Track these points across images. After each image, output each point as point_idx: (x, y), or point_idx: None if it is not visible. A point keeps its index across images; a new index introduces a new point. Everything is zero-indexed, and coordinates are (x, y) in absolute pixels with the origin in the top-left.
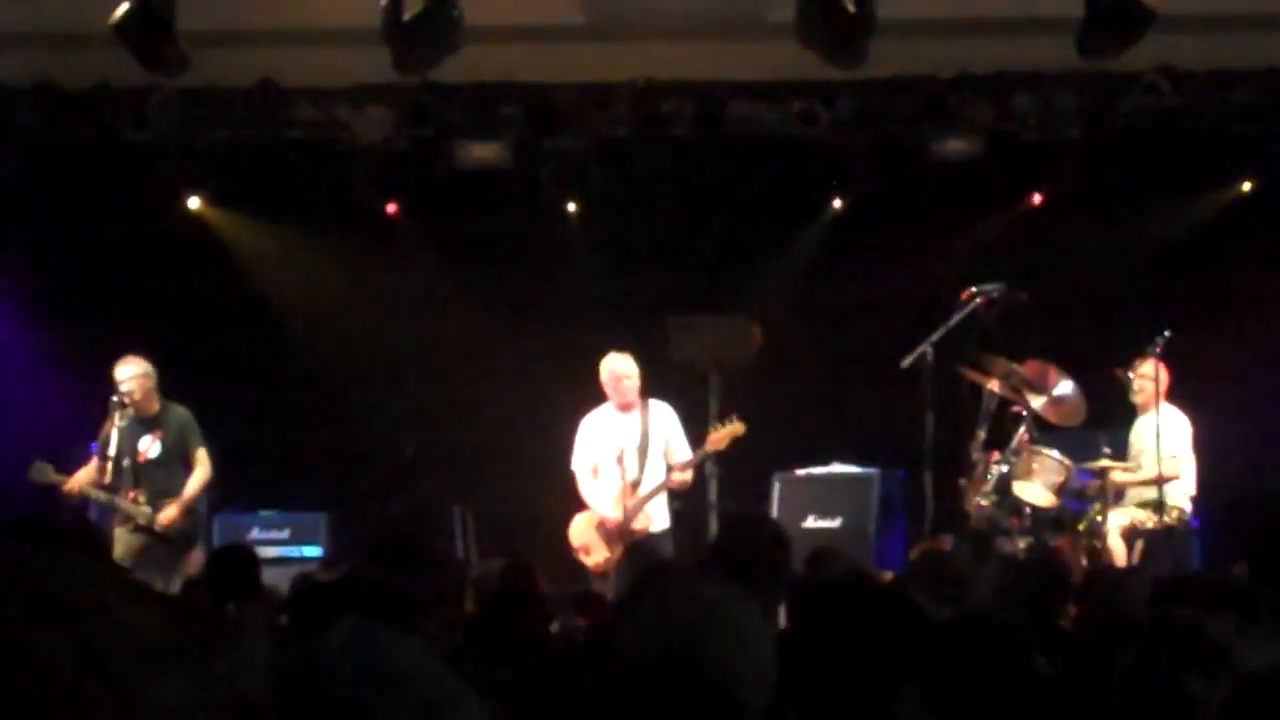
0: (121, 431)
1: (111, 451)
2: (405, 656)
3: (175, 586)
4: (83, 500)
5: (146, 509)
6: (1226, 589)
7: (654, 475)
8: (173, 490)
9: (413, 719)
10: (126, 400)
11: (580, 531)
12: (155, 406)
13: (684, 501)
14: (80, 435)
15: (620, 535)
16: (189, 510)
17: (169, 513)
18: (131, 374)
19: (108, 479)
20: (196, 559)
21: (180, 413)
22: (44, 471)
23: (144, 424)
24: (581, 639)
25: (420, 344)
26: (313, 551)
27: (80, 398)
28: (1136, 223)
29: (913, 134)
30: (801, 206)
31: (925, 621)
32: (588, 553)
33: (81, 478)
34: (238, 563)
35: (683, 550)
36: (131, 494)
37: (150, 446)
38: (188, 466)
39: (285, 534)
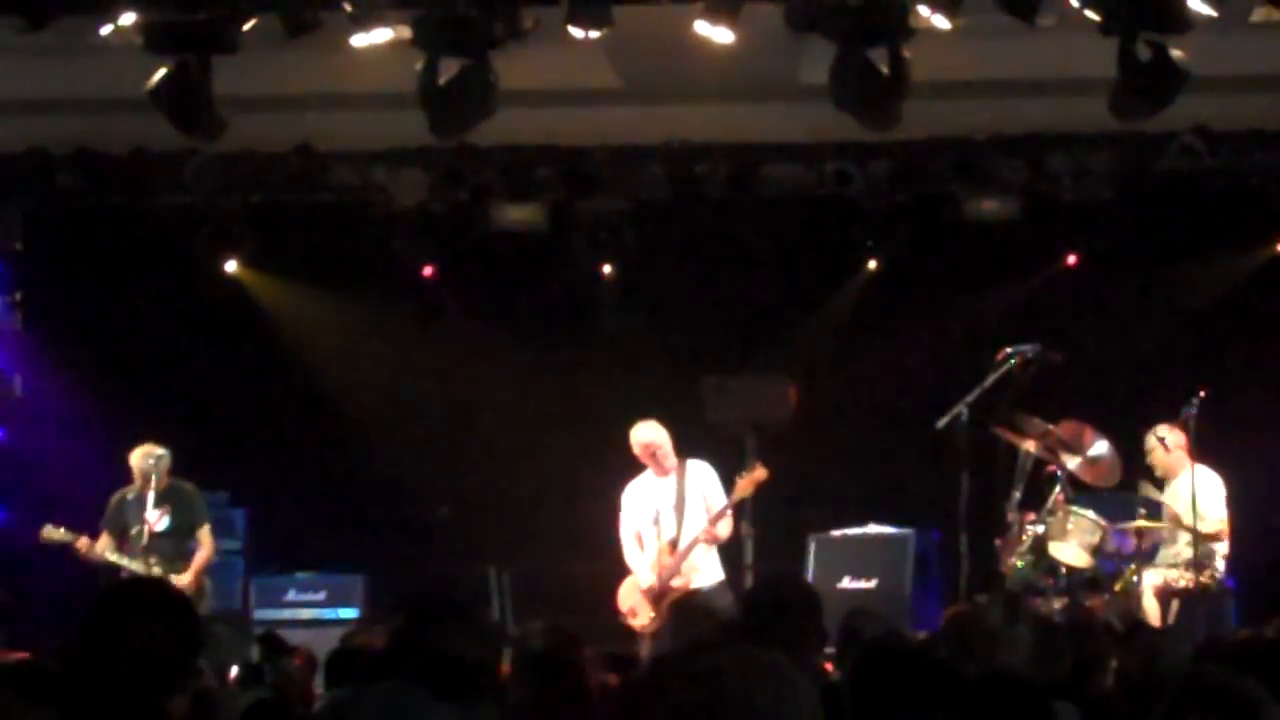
0: (132, 504)
1: (135, 522)
2: None
3: None
4: (104, 565)
5: (159, 571)
6: (1262, 649)
7: (693, 533)
8: (183, 559)
9: None
10: (141, 480)
11: (626, 595)
12: (165, 482)
13: (722, 563)
14: (105, 496)
15: (662, 594)
16: (198, 580)
17: (183, 578)
18: (145, 462)
19: (133, 548)
20: None
21: (188, 489)
22: (54, 533)
23: (156, 497)
24: (614, 697)
25: (457, 405)
26: (349, 613)
27: (114, 461)
28: (1172, 283)
29: (947, 194)
30: (836, 267)
31: (957, 678)
32: (634, 615)
33: (99, 542)
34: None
35: None
36: (145, 560)
37: (160, 521)
38: (195, 540)
39: (322, 595)
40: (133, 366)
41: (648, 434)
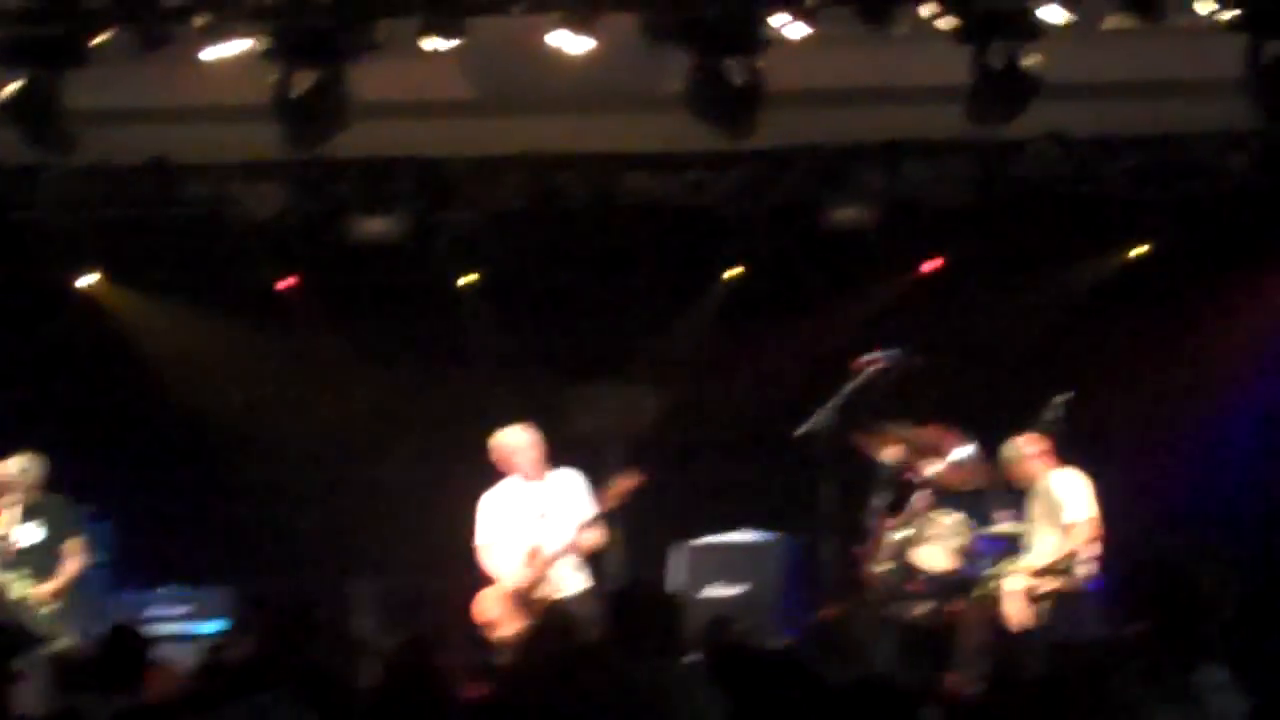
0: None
1: (3, 535)
2: None
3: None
4: None
5: (22, 584)
6: (1126, 650)
7: (558, 541)
8: (49, 574)
9: None
10: (7, 494)
11: (488, 606)
12: (35, 495)
13: (588, 572)
14: None
15: (527, 603)
16: (61, 593)
17: (43, 590)
18: (24, 470)
19: None
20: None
21: (58, 502)
22: None
23: (26, 512)
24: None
25: (317, 418)
26: (213, 627)
27: None
28: (1030, 287)
29: (806, 203)
30: (696, 276)
31: (822, 686)
32: (495, 627)
33: None
34: (126, 647)
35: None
36: (9, 574)
37: (28, 534)
38: (62, 554)
39: (185, 610)
40: None
41: (505, 439)
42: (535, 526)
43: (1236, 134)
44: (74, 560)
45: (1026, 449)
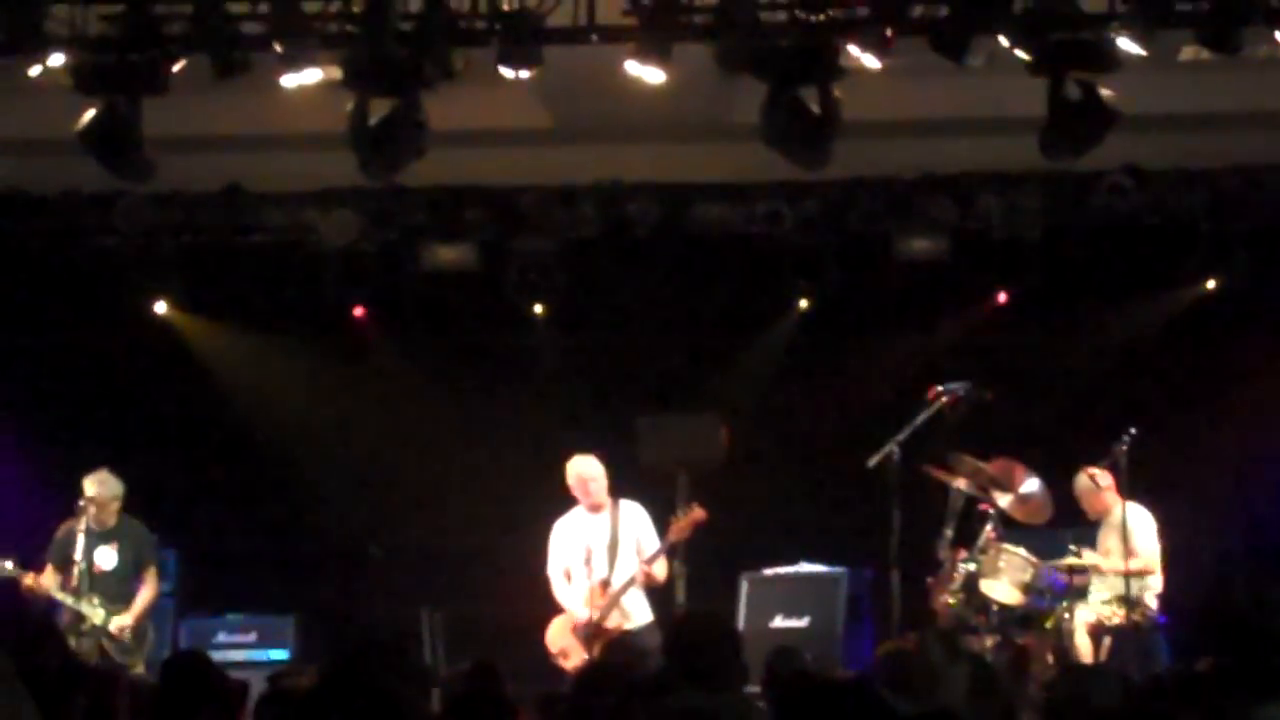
0: (79, 537)
1: (77, 557)
2: None
3: None
4: (49, 601)
5: (101, 611)
6: (1194, 687)
7: (625, 573)
8: (128, 599)
9: None
10: (89, 511)
11: (557, 636)
12: (114, 520)
13: (653, 602)
14: (38, 538)
15: (595, 635)
16: (140, 621)
17: (122, 620)
18: (101, 490)
19: (73, 582)
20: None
21: (137, 527)
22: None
23: (102, 536)
24: None
25: (388, 446)
26: (280, 654)
27: (44, 502)
28: (1101, 321)
29: (878, 234)
30: (768, 306)
31: (892, 715)
32: (566, 657)
33: (45, 579)
34: (193, 671)
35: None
36: (87, 598)
37: (106, 557)
38: (140, 580)
39: (252, 637)
40: (64, 407)
41: (587, 467)
42: (603, 557)
43: None
44: (150, 588)
45: (1101, 481)
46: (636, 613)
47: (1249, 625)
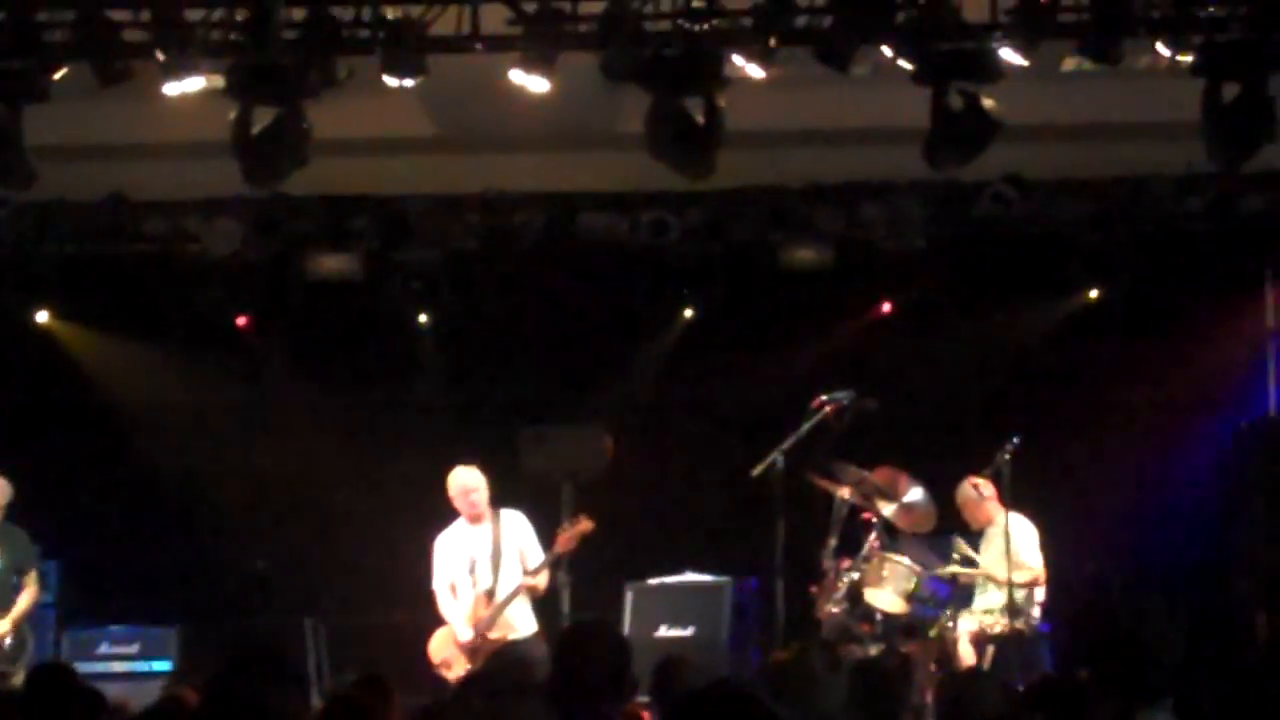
0: None
1: None
2: None
3: None
4: None
5: None
6: (1074, 694)
7: (509, 583)
8: (6, 606)
9: None
10: None
11: (440, 647)
12: None
13: (537, 612)
14: None
15: (478, 646)
16: (18, 626)
17: (2, 625)
18: None
19: None
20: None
21: (18, 534)
22: None
23: None
24: None
25: (271, 456)
26: (163, 666)
27: None
28: (986, 330)
29: (762, 243)
30: (652, 316)
31: None
32: (449, 667)
33: None
34: (57, 684)
35: None
36: None
37: None
38: (19, 585)
39: (135, 648)
40: None
41: (468, 478)
42: (486, 568)
43: (1193, 176)
44: (30, 593)
45: (984, 490)
46: (521, 624)
47: (1127, 633)
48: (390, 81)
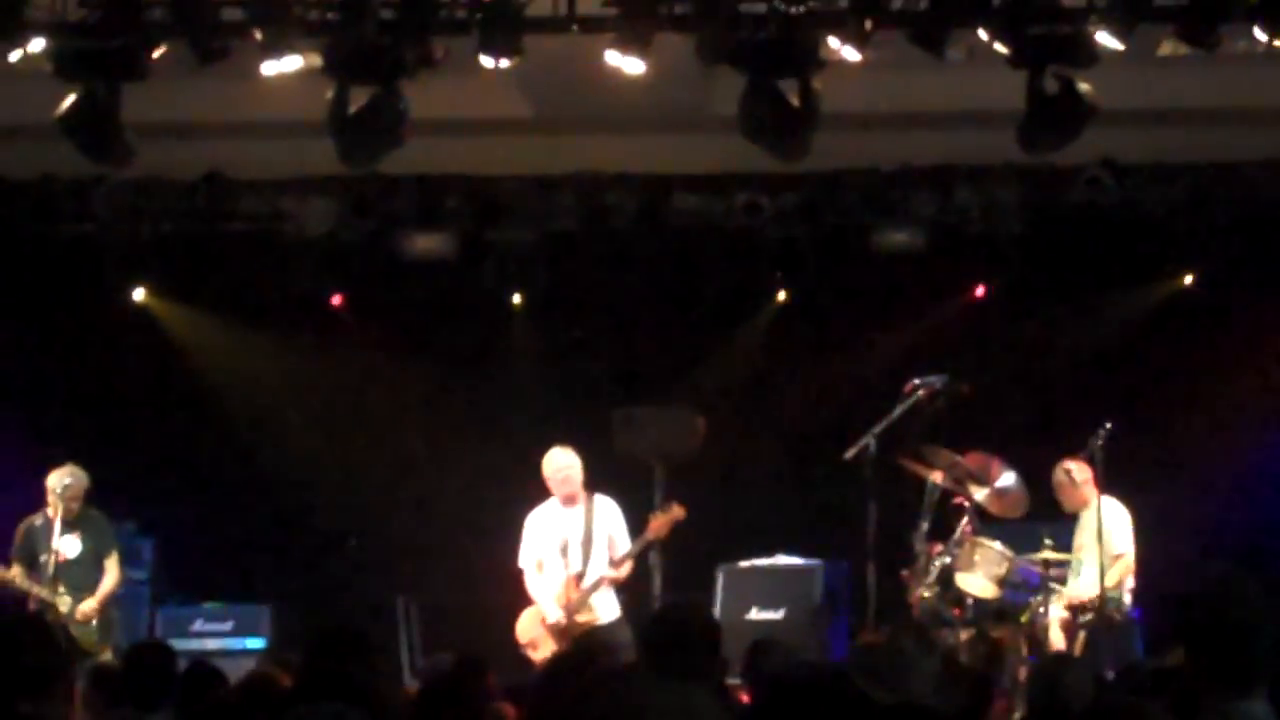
0: (41, 530)
1: (45, 548)
2: None
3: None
4: (20, 593)
5: (68, 599)
6: (1167, 680)
7: (598, 568)
8: (91, 587)
9: None
10: (58, 506)
11: (527, 627)
12: (77, 508)
13: (629, 594)
14: (7, 526)
15: (565, 628)
16: (105, 606)
17: (87, 607)
18: (69, 484)
19: (41, 573)
20: (108, 657)
21: (97, 517)
22: None
23: (65, 526)
24: None
25: (365, 436)
26: (256, 643)
27: (11, 494)
28: (1078, 314)
29: (856, 226)
30: (745, 298)
31: (869, 706)
32: (535, 648)
33: (11, 570)
34: (151, 664)
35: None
36: (52, 588)
37: (70, 547)
38: (102, 568)
39: (228, 625)
40: (40, 395)
41: (562, 459)
42: (577, 551)
43: None
44: (112, 575)
45: (1077, 475)
46: (604, 609)
47: (1221, 619)
48: (486, 62)
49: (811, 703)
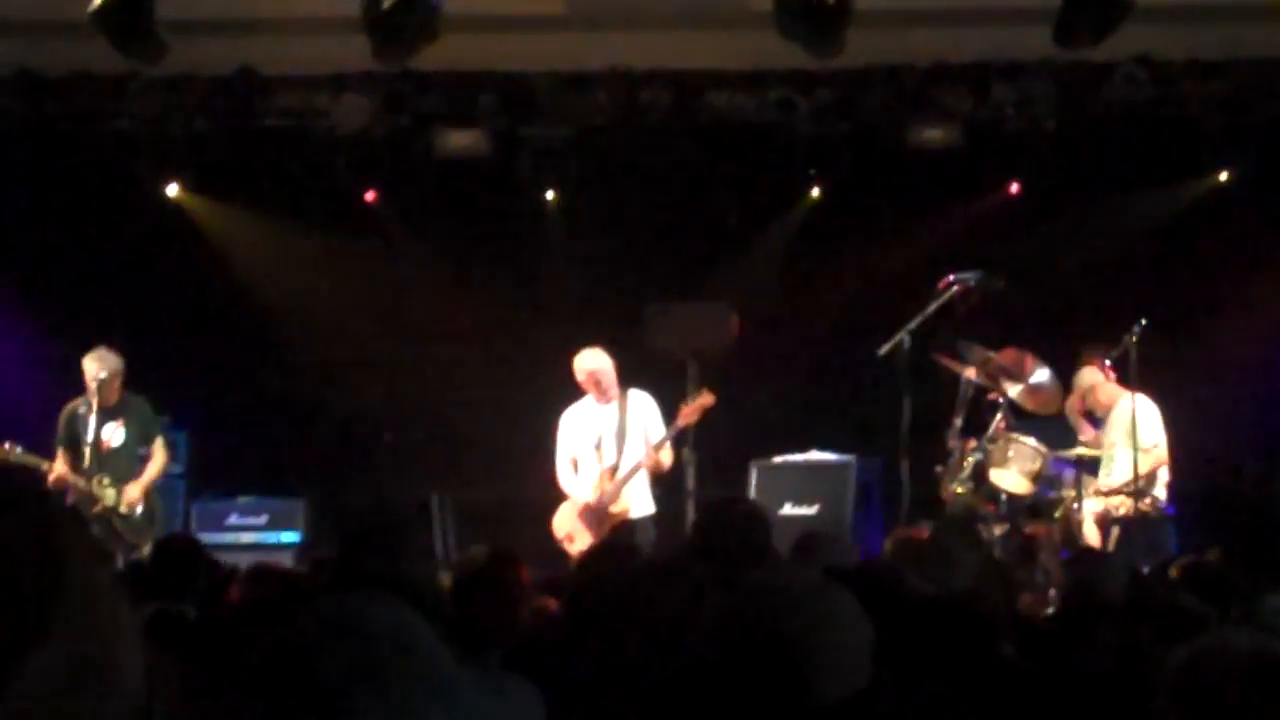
0: (83, 418)
1: (89, 438)
2: (405, 624)
3: None
4: (60, 485)
5: (112, 491)
6: (1201, 575)
7: (632, 461)
8: (133, 476)
9: (408, 680)
10: (96, 392)
11: (564, 521)
12: (117, 396)
13: (662, 489)
14: (49, 420)
15: (600, 519)
16: (149, 493)
17: (132, 494)
18: (104, 368)
19: (84, 463)
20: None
21: (140, 402)
22: (12, 453)
23: (106, 413)
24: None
25: (399, 331)
26: (290, 537)
27: (49, 384)
28: (1114, 212)
29: (890, 123)
30: (779, 195)
31: (903, 602)
32: (571, 540)
33: (59, 465)
34: (177, 556)
35: (664, 537)
36: (97, 479)
37: (113, 434)
38: (146, 454)
39: (263, 519)
40: (74, 290)
41: (592, 361)
42: (612, 445)
43: None
44: (159, 460)
45: (1105, 373)
46: (638, 504)
47: (1255, 515)
48: None
49: (860, 593)
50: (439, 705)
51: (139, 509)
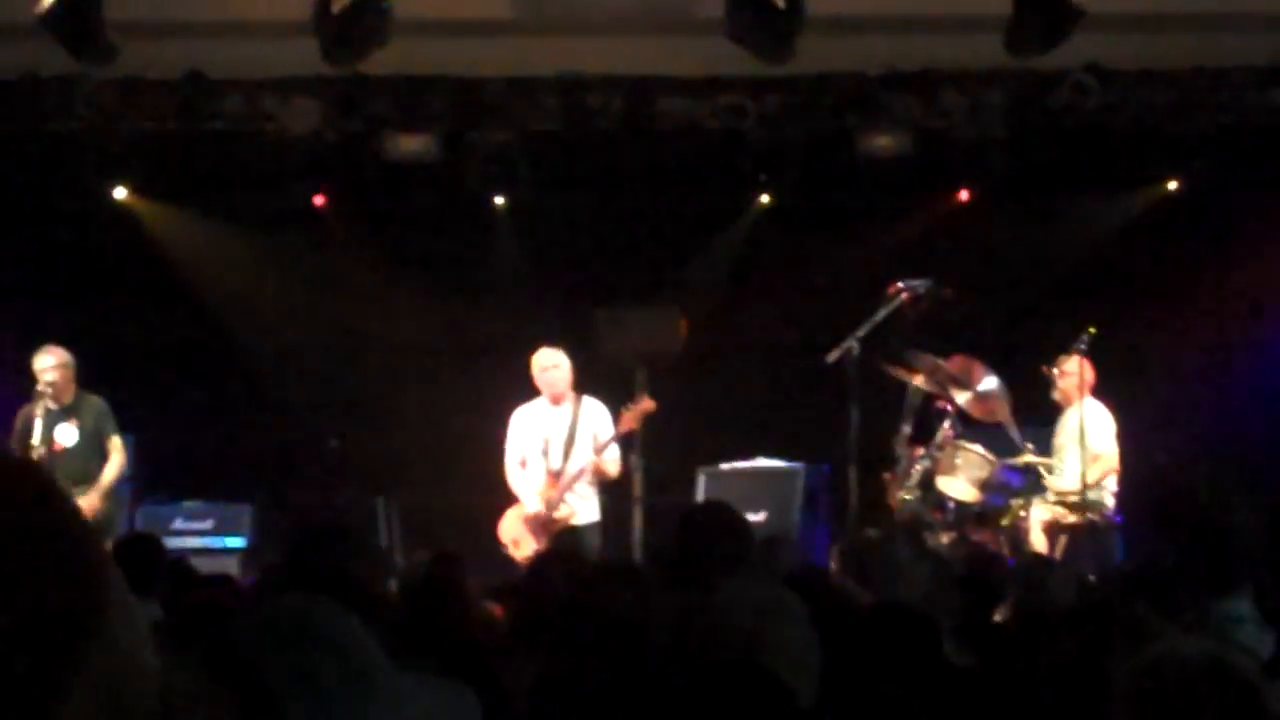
0: (40, 420)
1: (35, 440)
2: (343, 628)
3: None
4: None
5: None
6: (1149, 581)
7: (578, 467)
8: (89, 478)
9: (345, 683)
10: (47, 390)
11: (509, 526)
12: (71, 395)
13: (609, 497)
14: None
15: (546, 525)
16: (107, 497)
17: (90, 499)
18: (52, 364)
19: None
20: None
21: (95, 401)
22: None
23: (60, 413)
24: (503, 628)
25: (347, 335)
26: (236, 542)
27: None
28: (1063, 220)
29: (840, 130)
30: (729, 201)
31: (851, 607)
32: (517, 546)
33: None
34: (140, 555)
35: (610, 544)
36: None
37: (67, 435)
38: (103, 455)
39: (209, 524)
40: (20, 292)
41: (547, 357)
42: (559, 449)
43: (1276, 68)
44: (115, 461)
45: (1072, 370)
46: (584, 511)
47: (1206, 520)
48: None
49: (812, 601)
50: (374, 709)
51: (99, 513)
